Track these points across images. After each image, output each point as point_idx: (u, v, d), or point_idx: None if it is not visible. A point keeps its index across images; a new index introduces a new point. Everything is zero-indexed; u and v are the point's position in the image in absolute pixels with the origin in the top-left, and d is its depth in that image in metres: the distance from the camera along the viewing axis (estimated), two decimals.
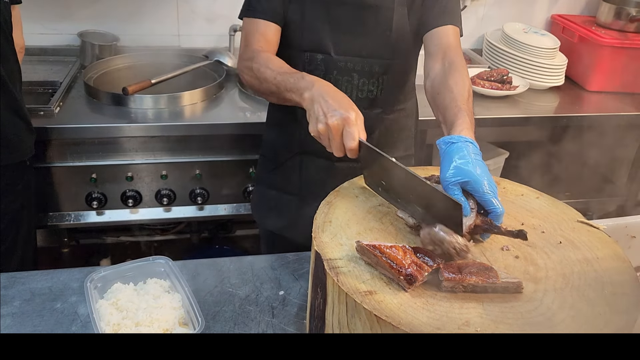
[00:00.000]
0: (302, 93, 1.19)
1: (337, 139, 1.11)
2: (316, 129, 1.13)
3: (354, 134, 1.09)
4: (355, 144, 1.09)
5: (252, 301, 1.20)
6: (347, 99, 1.15)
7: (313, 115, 1.14)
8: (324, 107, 1.13)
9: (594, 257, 1.01)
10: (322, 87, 1.18)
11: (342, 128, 1.10)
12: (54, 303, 1.16)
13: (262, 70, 1.32)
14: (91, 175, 1.97)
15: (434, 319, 0.84)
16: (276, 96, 1.31)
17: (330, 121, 1.10)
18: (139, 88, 2.00)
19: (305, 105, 1.19)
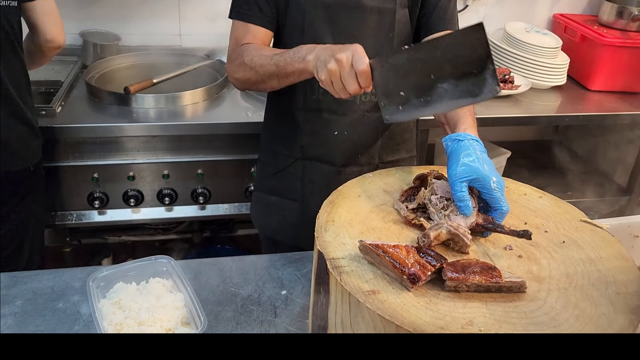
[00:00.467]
0: (305, 57, 1.20)
1: (348, 69, 1.10)
2: (326, 70, 1.12)
3: (363, 58, 1.10)
4: (367, 65, 1.09)
5: (254, 301, 1.20)
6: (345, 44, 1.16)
7: (320, 62, 1.15)
8: (330, 49, 1.15)
9: (597, 257, 1.01)
10: (321, 46, 1.20)
11: (351, 59, 1.10)
12: (56, 302, 1.16)
13: (255, 59, 1.32)
14: (93, 174, 1.97)
15: (437, 318, 0.84)
16: (277, 76, 1.29)
17: (338, 55, 1.10)
18: (140, 87, 2.00)
19: (311, 66, 1.19)
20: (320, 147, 1.47)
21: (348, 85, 1.12)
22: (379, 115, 1.47)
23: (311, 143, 1.48)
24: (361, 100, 1.44)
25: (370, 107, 1.46)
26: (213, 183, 2.08)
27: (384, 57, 1.11)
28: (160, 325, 1.04)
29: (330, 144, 1.46)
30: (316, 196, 1.50)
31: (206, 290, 1.21)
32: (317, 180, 1.51)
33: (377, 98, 1.16)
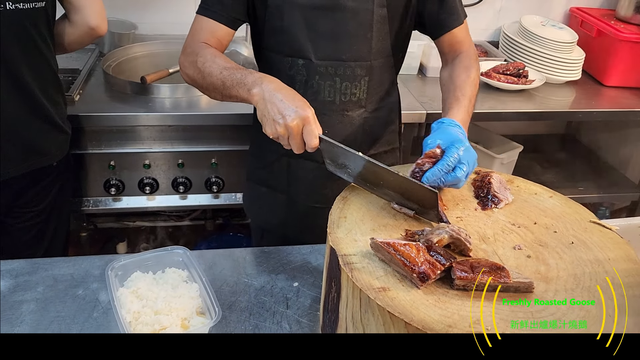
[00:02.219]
0: (250, 89, 1.17)
1: (298, 139, 1.11)
2: (274, 130, 1.12)
3: (315, 132, 1.11)
4: (317, 141, 1.11)
5: (267, 292, 1.23)
6: (298, 96, 1.15)
7: (268, 115, 1.13)
8: (280, 107, 1.12)
9: (605, 258, 1.02)
10: (272, 83, 1.17)
11: (302, 127, 1.11)
12: (76, 289, 1.20)
13: (207, 64, 1.28)
14: (110, 162, 2.00)
15: (446, 316, 0.86)
16: (220, 92, 1.27)
17: (289, 122, 1.10)
18: (156, 77, 2.03)
19: (254, 102, 1.17)
20: None
21: (293, 148, 1.14)
22: (359, 112, 1.49)
23: None
24: (341, 100, 1.45)
25: (350, 106, 1.47)
26: (227, 172, 2.11)
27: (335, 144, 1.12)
28: (177, 314, 1.08)
29: None
30: (301, 190, 1.54)
31: (220, 281, 1.25)
32: (301, 175, 1.53)
33: (323, 158, 1.18)
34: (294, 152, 1.14)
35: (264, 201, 1.63)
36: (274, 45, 1.42)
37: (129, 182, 2.06)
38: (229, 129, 2.04)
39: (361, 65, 1.43)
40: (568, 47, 2.43)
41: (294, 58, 1.41)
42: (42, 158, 1.63)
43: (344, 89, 1.43)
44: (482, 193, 1.19)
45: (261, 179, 1.62)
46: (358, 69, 1.43)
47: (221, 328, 1.11)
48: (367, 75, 1.44)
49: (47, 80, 1.61)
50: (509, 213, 1.15)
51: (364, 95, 1.47)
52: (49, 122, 1.63)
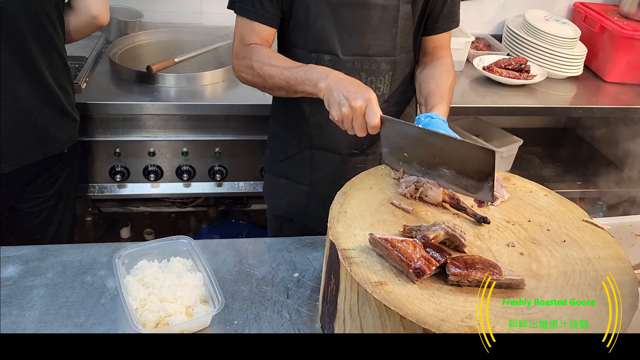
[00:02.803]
0: (317, 84, 1.26)
1: (360, 119, 1.19)
2: (340, 113, 1.20)
3: (376, 112, 1.18)
4: (378, 120, 1.18)
5: (268, 281, 1.27)
6: (362, 84, 1.25)
7: (334, 101, 1.22)
8: (345, 92, 1.20)
9: (595, 257, 1.06)
10: (337, 75, 1.27)
11: (365, 108, 1.18)
12: (84, 276, 1.24)
13: (265, 68, 1.35)
14: (115, 149, 2.04)
15: (439, 310, 0.90)
16: (285, 91, 1.35)
17: (353, 103, 1.18)
18: (162, 67, 2.06)
19: (322, 95, 1.26)
20: (327, 137, 1.53)
21: (356, 130, 1.21)
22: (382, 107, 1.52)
23: (318, 133, 1.53)
24: None
25: None
26: (230, 161, 2.14)
27: (396, 120, 1.20)
28: (181, 302, 1.12)
29: (337, 135, 1.51)
30: (324, 182, 1.58)
31: (223, 270, 1.28)
32: (324, 168, 1.57)
33: (380, 146, 1.25)
34: (357, 134, 1.21)
35: (285, 192, 1.66)
36: (298, 40, 1.45)
37: (134, 169, 2.10)
38: (233, 118, 2.07)
39: (386, 60, 1.47)
40: (570, 42, 2.44)
41: (319, 54, 1.44)
42: (54, 146, 1.66)
43: (369, 84, 1.47)
44: None
45: (280, 171, 1.65)
46: (383, 64, 1.47)
47: (224, 316, 1.15)
48: (392, 70, 1.49)
49: (58, 67, 1.64)
50: (504, 210, 1.18)
51: (387, 90, 1.51)
52: (61, 109, 1.66)
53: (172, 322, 1.08)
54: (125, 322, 1.10)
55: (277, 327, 1.15)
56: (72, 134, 1.74)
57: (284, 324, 1.16)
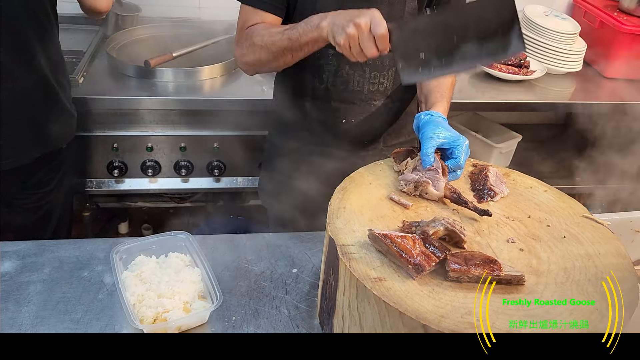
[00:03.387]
0: (319, 25, 1.22)
1: (367, 34, 1.14)
2: (345, 35, 1.15)
3: (382, 22, 1.13)
4: (385, 28, 1.13)
5: (266, 277, 1.26)
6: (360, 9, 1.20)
7: (337, 26, 1.17)
8: (347, 16, 1.17)
9: (595, 253, 1.05)
10: (337, 12, 1.22)
11: (369, 23, 1.13)
12: (81, 271, 1.23)
13: (266, 38, 1.33)
14: (113, 144, 2.03)
15: (439, 307, 0.90)
16: (290, 50, 1.31)
17: (357, 20, 1.13)
18: (160, 61, 2.04)
19: (326, 32, 1.21)
20: (328, 133, 1.52)
21: (366, 49, 1.15)
22: (385, 102, 1.52)
23: (319, 129, 1.52)
24: (369, 90, 1.48)
25: (377, 96, 1.50)
26: (228, 157, 2.14)
27: (403, 22, 1.15)
28: (179, 298, 1.11)
29: (338, 131, 1.51)
30: (323, 178, 1.56)
31: (221, 266, 1.28)
32: (324, 164, 1.56)
33: (396, 60, 1.19)
34: (367, 54, 1.15)
35: (283, 190, 1.65)
36: None
37: (131, 165, 2.09)
38: (231, 114, 2.06)
39: (390, 55, 1.45)
40: (570, 38, 2.43)
41: (324, 48, 1.42)
42: (53, 142, 1.66)
43: (372, 79, 1.47)
44: (479, 186, 1.22)
45: (280, 167, 1.64)
46: (387, 59, 1.46)
47: (222, 312, 1.15)
48: (395, 65, 1.47)
49: (56, 62, 1.63)
50: (504, 206, 1.18)
51: (390, 85, 1.50)
52: (60, 105, 1.65)
53: (170, 317, 1.07)
54: (123, 318, 1.10)
55: (275, 323, 1.14)
56: (70, 130, 1.73)
57: (283, 319, 1.15)
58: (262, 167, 1.72)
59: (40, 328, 1.09)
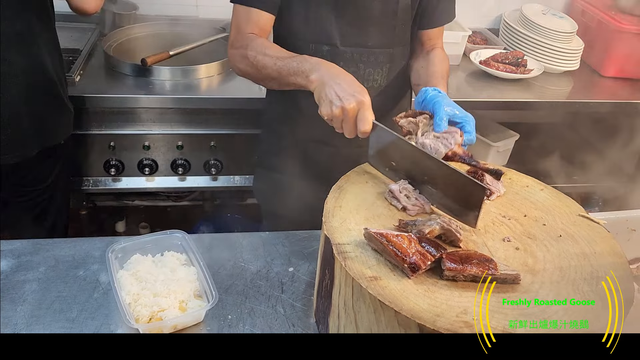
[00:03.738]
0: (309, 75, 1.22)
1: (352, 122, 1.16)
2: (330, 111, 1.16)
3: (369, 117, 1.15)
4: (370, 126, 1.15)
5: (262, 276, 1.26)
6: (356, 82, 1.20)
7: (325, 98, 1.17)
8: (338, 91, 1.16)
9: (591, 252, 1.05)
10: (330, 69, 1.22)
11: (357, 111, 1.15)
12: (77, 270, 1.23)
13: (259, 58, 1.33)
14: (110, 143, 2.02)
15: (434, 305, 0.90)
16: (277, 82, 1.32)
17: (346, 105, 1.14)
18: (157, 59, 2.04)
19: (313, 88, 1.21)
20: (321, 129, 1.51)
21: (345, 132, 1.18)
22: (379, 99, 1.52)
23: (313, 126, 1.52)
24: None
25: (371, 93, 1.48)
26: (225, 155, 2.14)
27: (388, 130, 1.16)
28: (175, 297, 1.11)
29: (331, 127, 1.51)
30: (317, 175, 1.56)
31: (217, 265, 1.28)
32: (318, 160, 1.56)
33: (369, 151, 1.21)
34: (346, 135, 1.18)
35: (277, 188, 1.65)
36: (296, 31, 1.44)
37: (128, 163, 2.08)
38: (228, 112, 2.06)
39: (384, 52, 1.47)
40: (568, 37, 2.44)
41: (318, 44, 1.43)
42: (52, 137, 1.66)
43: (367, 75, 1.47)
44: None
45: (273, 166, 1.64)
46: (381, 56, 1.47)
47: (218, 311, 1.15)
48: (389, 62, 1.48)
49: (55, 58, 1.63)
50: (500, 205, 1.17)
51: (384, 82, 1.51)
52: (59, 100, 1.66)
53: (166, 316, 1.07)
54: (118, 317, 1.10)
55: (271, 321, 1.14)
56: (68, 126, 1.73)
57: (279, 318, 1.15)
58: (256, 164, 1.72)
59: (36, 327, 1.08)
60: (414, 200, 1.12)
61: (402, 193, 1.12)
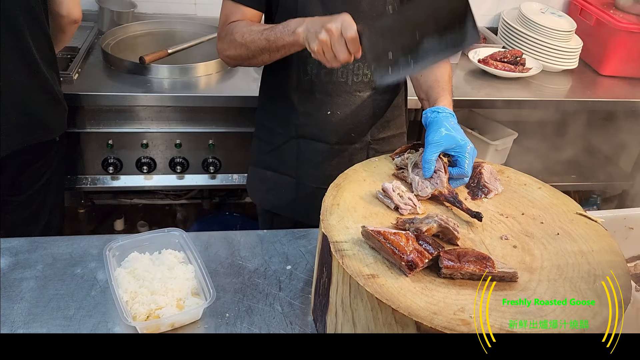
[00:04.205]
0: (295, 30, 1.24)
1: (339, 39, 1.15)
2: (317, 40, 1.17)
3: (352, 25, 1.15)
4: (355, 31, 1.15)
5: (260, 274, 1.26)
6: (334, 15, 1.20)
7: (311, 32, 1.20)
8: (319, 22, 1.19)
9: (589, 250, 1.05)
10: (313, 18, 1.24)
11: (340, 27, 1.15)
12: (74, 268, 1.23)
13: (246, 35, 1.35)
14: (108, 141, 2.02)
15: (431, 303, 0.90)
16: (268, 51, 1.33)
17: (328, 25, 1.15)
18: (155, 58, 2.04)
19: (301, 38, 1.23)
20: (314, 126, 1.52)
21: (338, 53, 1.17)
22: (370, 94, 1.52)
23: (305, 122, 1.52)
24: (353, 81, 1.48)
25: (361, 87, 1.50)
26: (224, 153, 2.13)
27: (371, 23, 1.17)
28: (172, 295, 1.11)
29: (324, 124, 1.51)
30: (311, 172, 1.56)
31: (215, 263, 1.28)
32: (311, 158, 1.56)
33: (367, 63, 1.20)
34: (340, 59, 1.17)
35: (271, 185, 1.65)
36: None
37: (126, 161, 2.08)
38: (226, 110, 2.06)
39: None
40: (566, 35, 2.43)
41: None
42: (45, 132, 1.65)
43: (356, 70, 1.47)
44: (473, 183, 1.22)
45: (266, 163, 1.64)
46: None
47: (215, 308, 1.14)
48: None
49: (48, 54, 1.63)
50: (497, 203, 1.18)
51: None
52: (53, 96, 1.66)
53: (163, 314, 1.07)
54: (116, 315, 1.09)
55: (269, 319, 1.14)
56: (63, 122, 1.73)
57: (276, 316, 1.15)
58: (250, 162, 1.71)
59: (33, 325, 1.08)
60: (407, 200, 1.12)
61: (395, 192, 1.12)
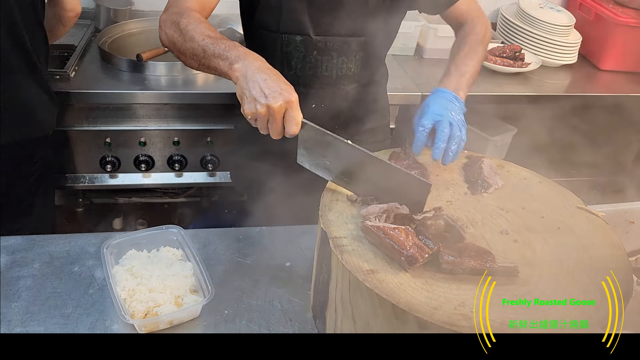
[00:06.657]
0: (233, 63, 1.10)
1: (279, 123, 1.06)
2: (255, 110, 1.05)
3: (297, 118, 1.06)
4: (297, 129, 1.06)
5: (259, 271, 1.25)
6: (283, 79, 1.09)
7: (248, 94, 1.06)
8: (264, 87, 1.04)
9: (590, 244, 1.04)
10: (257, 61, 1.10)
11: (284, 111, 1.05)
12: (72, 266, 1.22)
13: (190, 28, 1.19)
14: (105, 139, 2.01)
15: (432, 299, 0.89)
16: (199, 60, 1.18)
17: (272, 103, 1.03)
18: (153, 55, 2.02)
19: (234, 77, 1.09)
20: None
21: (272, 133, 1.08)
22: (353, 87, 1.51)
23: None
24: (337, 75, 1.48)
25: (345, 81, 1.50)
26: (222, 151, 2.12)
27: (318, 129, 1.08)
28: (170, 292, 1.10)
29: (308, 116, 1.49)
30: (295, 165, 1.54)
31: (214, 260, 1.27)
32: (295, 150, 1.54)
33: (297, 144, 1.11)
34: (272, 136, 1.08)
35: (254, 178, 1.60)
36: (269, 22, 1.42)
37: (124, 159, 2.07)
38: (224, 107, 2.04)
39: (357, 40, 1.45)
40: (565, 30, 2.43)
41: (291, 35, 1.41)
42: (38, 127, 1.64)
43: (340, 64, 1.46)
44: (473, 177, 1.21)
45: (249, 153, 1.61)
46: (354, 44, 1.45)
47: (214, 306, 1.13)
48: (362, 50, 1.47)
49: (42, 50, 1.62)
50: (498, 198, 1.17)
51: (358, 70, 1.50)
52: (46, 91, 1.65)
53: (161, 312, 1.07)
54: (114, 313, 1.09)
55: (268, 316, 1.13)
56: (54, 119, 1.72)
57: (276, 313, 1.14)
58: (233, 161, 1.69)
59: (30, 323, 1.07)
60: None
61: None
